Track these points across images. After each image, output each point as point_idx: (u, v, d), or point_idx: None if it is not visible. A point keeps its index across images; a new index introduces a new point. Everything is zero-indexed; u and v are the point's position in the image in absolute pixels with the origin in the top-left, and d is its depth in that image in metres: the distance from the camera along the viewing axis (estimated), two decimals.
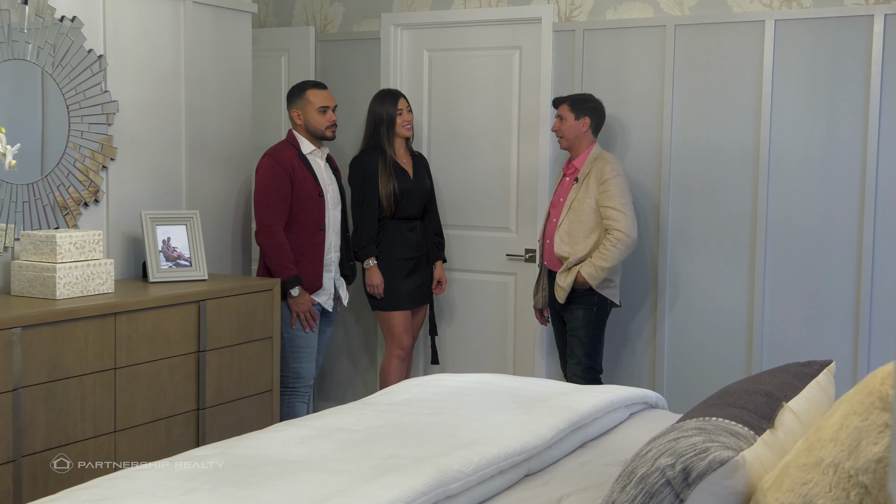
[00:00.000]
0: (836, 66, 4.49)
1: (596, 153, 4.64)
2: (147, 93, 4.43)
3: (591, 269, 4.52)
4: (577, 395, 3.13)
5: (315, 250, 4.65)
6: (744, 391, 2.39)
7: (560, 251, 4.63)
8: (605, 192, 4.53)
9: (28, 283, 3.75)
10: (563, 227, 4.63)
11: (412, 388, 3.33)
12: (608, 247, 4.49)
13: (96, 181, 4.20)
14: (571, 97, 4.69)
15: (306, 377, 4.72)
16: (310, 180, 4.63)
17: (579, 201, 4.59)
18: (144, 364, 3.84)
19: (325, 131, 4.70)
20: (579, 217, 4.59)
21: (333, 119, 4.72)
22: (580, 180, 4.60)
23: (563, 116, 4.66)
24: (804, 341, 4.60)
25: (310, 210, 4.62)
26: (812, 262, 4.58)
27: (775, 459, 2.08)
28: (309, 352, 4.71)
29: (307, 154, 4.68)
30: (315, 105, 4.68)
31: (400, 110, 5.00)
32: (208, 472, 2.45)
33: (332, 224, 4.74)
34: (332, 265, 4.76)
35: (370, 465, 2.47)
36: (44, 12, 3.95)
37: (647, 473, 1.94)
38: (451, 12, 5.31)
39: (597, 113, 4.67)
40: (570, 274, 4.58)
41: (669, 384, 4.90)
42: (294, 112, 4.70)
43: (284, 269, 4.53)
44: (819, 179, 4.54)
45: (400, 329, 5.06)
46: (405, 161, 5.08)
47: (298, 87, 4.77)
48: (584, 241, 4.57)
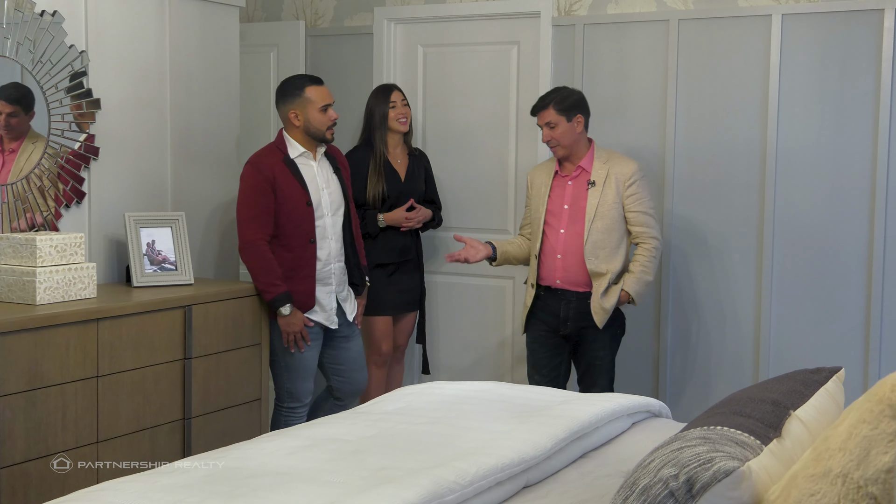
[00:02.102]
0: (845, 61, 4.47)
1: (602, 151, 4.34)
2: (131, 90, 4.40)
3: (638, 285, 4.21)
4: (577, 404, 3.12)
5: (306, 265, 4.30)
6: (750, 399, 2.40)
7: (595, 268, 4.21)
8: (634, 196, 4.22)
9: (7, 287, 3.72)
10: (591, 240, 4.22)
11: (406, 397, 3.32)
12: (649, 257, 4.20)
13: (78, 182, 4.17)
14: (552, 98, 4.29)
15: (300, 397, 4.43)
16: (295, 188, 4.27)
17: (605, 207, 4.22)
18: (128, 372, 3.81)
19: (327, 133, 4.33)
20: (608, 226, 4.22)
21: (335, 117, 4.36)
22: (597, 184, 4.25)
23: (553, 123, 4.26)
24: (813, 347, 4.58)
25: (296, 221, 4.27)
26: (821, 264, 4.56)
27: (782, 470, 2.08)
28: (303, 371, 4.40)
29: (295, 158, 4.32)
30: (317, 104, 4.31)
31: (393, 103, 4.87)
32: (195, 484, 2.43)
33: (330, 233, 4.37)
34: (331, 278, 4.39)
35: (363, 477, 2.46)
36: (23, 6, 3.92)
37: (649, 485, 1.93)
38: (447, 6, 5.29)
39: (585, 107, 4.33)
40: (613, 293, 4.20)
41: (673, 392, 4.86)
42: (291, 112, 4.32)
43: (272, 286, 4.22)
44: (828, 179, 4.52)
45: (378, 334, 4.91)
46: (399, 161, 4.94)
47: (293, 83, 4.39)
48: (615, 254, 4.22)
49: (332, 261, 4.39)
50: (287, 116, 4.34)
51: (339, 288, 4.44)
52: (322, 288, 4.36)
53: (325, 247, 4.35)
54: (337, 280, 4.42)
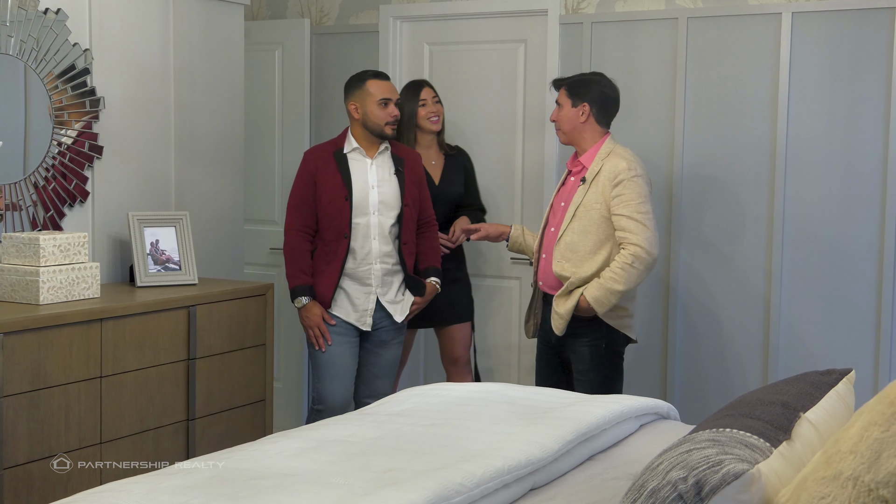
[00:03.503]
0: (855, 60, 4.43)
1: (609, 148, 4.02)
2: (135, 88, 4.39)
3: (599, 291, 3.82)
4: (584, 406, 3.09)
5: (334, 260, 4.24)
6: (759, 401, 2.39)
7: (560, 270, 3.93)
8: (620, 197, 3.86)
9: (10, 287, 3.71)
10: (564, 241, 3.94)
11: (411, 398, 3.30)
12: (622, 264, 3.80)
13: (81, 181, 4.16)
14: (571, 79, 4.09)
15: (329, 400, 4.29)
16: (335, 182, 4.23)
17: (586, 207, 3.92)
18: (132, 372, 3.80)
19: (385, 128, 4.26)
20: (585, 227, 3.91)
21: (395, 113, 4.28)
22: (587, 181, 3.96)
23: (560, 103, 4.05)
24: (823, 348, 4.54)
25: (332, 215, 4.24)
26: (831, 264, 4.52)
27: (792, 472, 2.07)
28: (333, 372, 4.29)
29: (347, 153, 4.28)
30: (375, 97, 4.25)
31: (423, 101, 4.67)
32: (199, 485, 2.41)
33: (375, 231, 4.26)
34: (370, 278, 4.27)
35: (368, 479, 2.44)
36: (27, 4, 3.91)
37: (658, 487, 1.92)
38: (453, 4, 5.27)
39: (601, 100, 4.03)
40: (571, 298, 3.88)
41: (681, 394, 4.83)
42: (351, 105, 4.29)
43: (294, 277, 4.26)
44: (839, 178, 4.49)
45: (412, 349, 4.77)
46: (434, 163, 4.74)
47: (357, 76, 4.36)
48: (589, 259, 3.89)
49: (374, 261, 4.27)
50: (349, 109, 4.32)
51: (382, 290, 4.31)
52: (359, 287, 4.29)
53: (365, 245, 4.26)
54: (379, 281, 4.30)
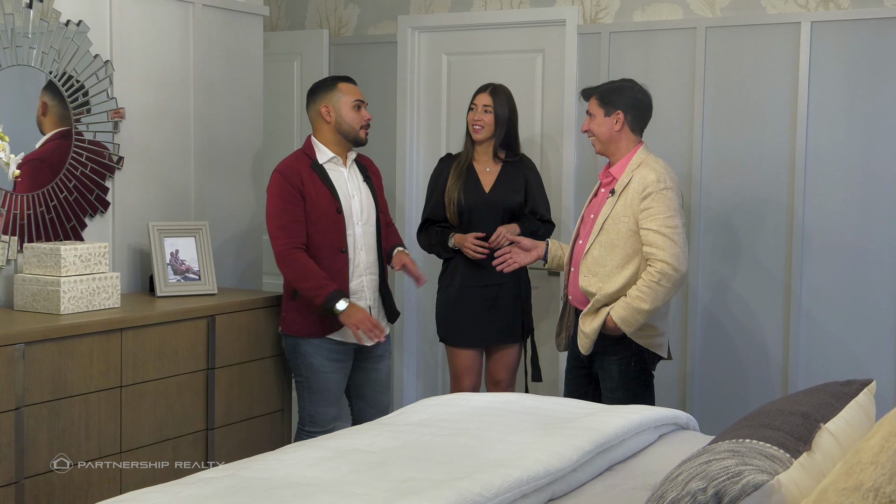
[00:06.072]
0: (874, 69, 4.42)
1: (641, 158, 3.87)
2: (155, 99, 4.40)
3: (625, 311, 3.70)
4: (603, 416, 3.07)
5: (337, 276, 4.04)
6: (779, 412, 2.37)
7: (586, 285, 3.81)
8: (648, 210, 3.72)
9: (31, 297, 3.72)
10: (591, 254, 3.82)
11: (430, 408, 3.29)
12: (648, 282, 3.68)
13: (102, 191, 4.17)
14: (601, 87, 3.96)
15: (321, 421, 4.17)
16: (324, 195, 4.05)
17: (614, 220, 3.79)
18: (151, 382, 3.81)
19: (360, 132, 4.11)
20: (612, 241, 3.78)
21: (368, 117, 4.14)
22: (616, 192, 3.83)
23: (592, 113, 3.91)
24: (843, 358, 4.52)
25: (325, 230, 4.04)
26: (851, 275, 4.50)
27: (812, 483, 2.04)
28: (327, 396, 4.15)
29: (324, 163, 4.10)
30: (349, 99, 4.10)
31: (473, 106, 4.50)
32: (218, 494, 2.40)
33: (361, 242, 4.14)
34: (362, 291, 4.14)
35: (386, 488, 2.43)
36: (48, 16, 3.92)
37: (677, 498, 1.90)
38: (471, 14, 5.26)
39: (635, 106, 3.90)
40: (598, 317, 3.77)
41: (700, 404, 4.80)
42: (323, 108, 4.10)
43: (319, 289, 3.95)
44: (859, 189, 4.47)
45: (459, 369, 4.51)
46: (488, 170, 4.52)
47: (325, 80, 4.21)
48: (616, 274, 3.76)
49: (364, 272, 4.16)
50: (319, 112, 4.13)
51: (371, 302, 4.18)
52: (356, 302, 4.10)
53: (356, 257, 4.13)
54: (369, 294, 4.17)
